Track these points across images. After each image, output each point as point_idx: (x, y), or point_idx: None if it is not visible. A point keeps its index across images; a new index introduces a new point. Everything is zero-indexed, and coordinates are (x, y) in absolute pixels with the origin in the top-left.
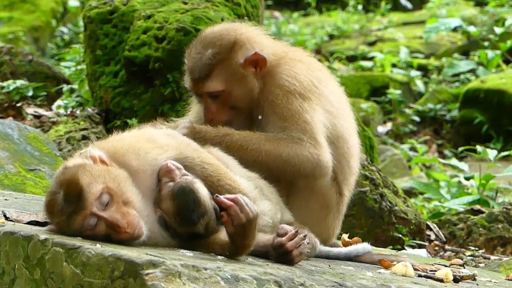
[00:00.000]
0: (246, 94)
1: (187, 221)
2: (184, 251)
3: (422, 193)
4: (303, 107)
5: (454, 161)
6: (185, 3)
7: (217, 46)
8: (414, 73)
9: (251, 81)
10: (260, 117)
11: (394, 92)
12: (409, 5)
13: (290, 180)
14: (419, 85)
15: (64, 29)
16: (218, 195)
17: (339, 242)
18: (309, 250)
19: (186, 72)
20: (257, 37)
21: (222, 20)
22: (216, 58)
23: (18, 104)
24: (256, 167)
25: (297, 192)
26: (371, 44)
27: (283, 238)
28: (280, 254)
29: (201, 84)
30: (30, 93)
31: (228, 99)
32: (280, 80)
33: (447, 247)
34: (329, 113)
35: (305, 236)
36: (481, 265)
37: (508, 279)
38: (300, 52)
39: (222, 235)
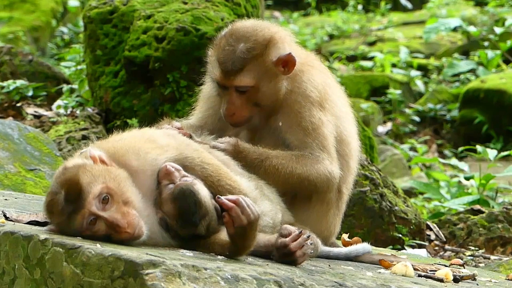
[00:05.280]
0: (273, 93)
1: (189, 223)
2: (184, 251)
3: (422, 193)
4: (322, 120)
5: (454, 161)
6: (185, 3)
7: (251, 41)
8: (414, 73)
9: (280, 80)
10: (280, 123)
11: (394, 92)
12: (409, 5)
13: (305, 195)
14: (419, 85)
15: (64, 29)
16: (220, 197)
17: (339, 242)
18: (312, 251)
19: (214, 63)
20: (287, 38)
21: (222, 20)
22: (250, 53)
23: (18, 104)
24: (284, 187)
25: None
26: (371, 44)
27: (287, 239)
28: (284, 255)
29: (232, 77)
30: (30, 93)
31: (254, 95)
32: (307, 90)
33: (447, 247)
34: (337, 117)
35: (308, 236)
36: (481, 265)
37: (508, 279)
38: (313, 58)
39: (223, 235)
